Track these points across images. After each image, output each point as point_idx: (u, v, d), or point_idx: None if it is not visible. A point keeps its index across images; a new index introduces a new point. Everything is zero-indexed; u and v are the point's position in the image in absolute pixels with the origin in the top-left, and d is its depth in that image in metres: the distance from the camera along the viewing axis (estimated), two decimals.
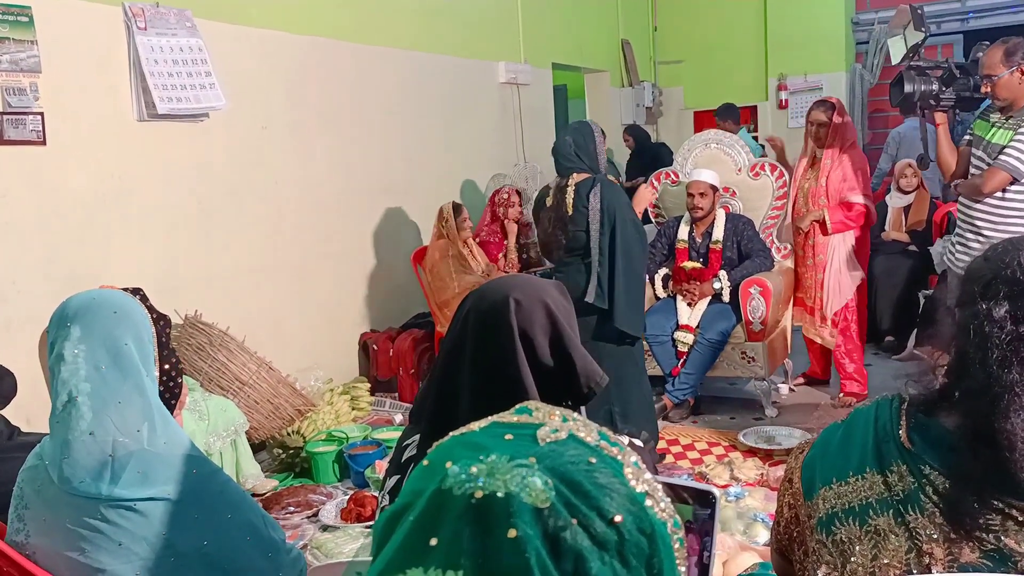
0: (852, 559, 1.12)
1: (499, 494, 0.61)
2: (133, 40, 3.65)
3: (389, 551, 0.62)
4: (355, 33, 4.97)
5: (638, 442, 1.60)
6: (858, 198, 4.46)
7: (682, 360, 4.46)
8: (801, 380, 5.01)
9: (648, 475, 0.68)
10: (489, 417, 0.72)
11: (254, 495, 3.32)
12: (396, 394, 4.85)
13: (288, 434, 3.89)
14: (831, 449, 1.23)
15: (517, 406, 0.73)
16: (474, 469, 0.62)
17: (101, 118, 3.60)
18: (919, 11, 4.15)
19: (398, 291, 5.37)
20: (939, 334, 1.16)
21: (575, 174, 3.62)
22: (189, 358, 3.60)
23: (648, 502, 0.66)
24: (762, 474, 3.57)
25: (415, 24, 5.48)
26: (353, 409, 4.50)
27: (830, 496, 1.17)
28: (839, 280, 4.54)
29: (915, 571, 1.07)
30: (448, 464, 0.64)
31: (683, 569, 0.68)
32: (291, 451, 3.90)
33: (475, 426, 0.71)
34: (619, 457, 0.68)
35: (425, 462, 0.68)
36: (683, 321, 4.50)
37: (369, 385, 4.79)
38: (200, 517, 1.59)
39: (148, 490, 1.56)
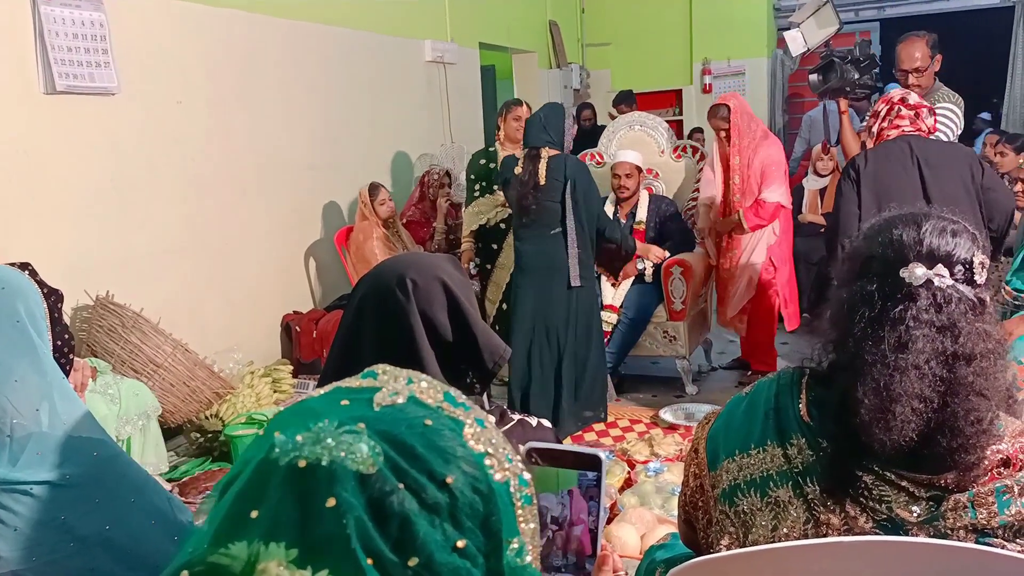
0: (753, 530, 1.15)
1: (323, 462, 0.59)
2: (38, 9, 3.50)
3: (214, 523, 0.61)
4: (277, 8, 4.84)
5: (531, 419, 1.59)
6: (773, 196, 4.37)
7: (606, 339, 4.50)
8: (734, 363, 5.05)
9: (493, 435, 0.67)
10: (334, 383, 0.70)
11: None
12: (319, 376, 4.77)
13: (206, 417, 3.80)
14: (734, 421, 1.25)
15: (365, 370, 0.72)
16: (300, 437, 0.61)
17: (6, 90, 3.44)
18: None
19: (322, 272, 5.29)
20: (827, 310, 1.19)
21: (546, 148, 3.96)
22: (101, 340, 3.48)
23: (488, 461, 0.65)
24: (681, 449, 3.63)
25: None
26: (275, 392, 4.42)
27: (733, 468, 1.20)
28: (750, 276, 4.54)
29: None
30: (277, 433, 0.62)
31: (531, 526, 0.66)
32: (209, 435, 3.82)
33: (317, 392, 0.69)
34: (461, 417, 0.67)
35: (260, 431, 0.66)
36: (607, 301, 4.54)
37: (292, 367, 4.70)
38: (102, 501, 1.54)
39: (46, 473, 1.51)
